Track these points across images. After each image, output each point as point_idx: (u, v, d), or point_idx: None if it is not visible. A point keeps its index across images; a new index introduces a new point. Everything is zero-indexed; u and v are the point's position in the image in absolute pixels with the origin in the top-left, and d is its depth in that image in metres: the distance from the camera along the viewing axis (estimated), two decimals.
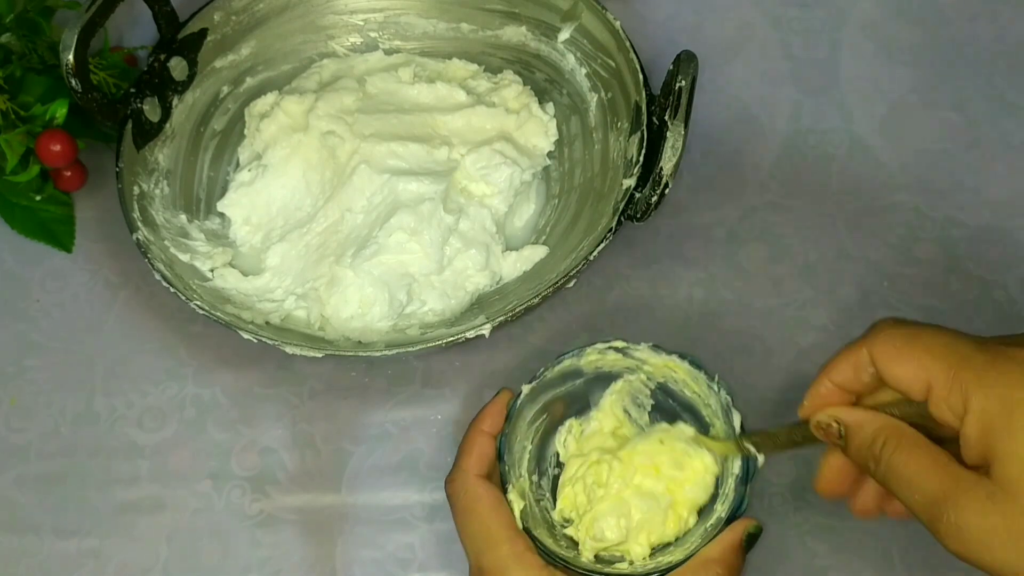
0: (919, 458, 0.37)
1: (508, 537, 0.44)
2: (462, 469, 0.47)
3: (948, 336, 0.38)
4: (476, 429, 0.48)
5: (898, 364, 0.39)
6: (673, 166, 0.51)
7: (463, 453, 0.48)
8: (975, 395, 0.36)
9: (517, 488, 0.47)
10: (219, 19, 0.61)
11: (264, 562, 0.54)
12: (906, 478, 0.37)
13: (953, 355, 0.37)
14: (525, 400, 0.48)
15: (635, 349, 0.49)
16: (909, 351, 0.38)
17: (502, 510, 0.45)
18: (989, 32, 0.68)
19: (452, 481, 0.47)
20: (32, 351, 0.59)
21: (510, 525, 0.45)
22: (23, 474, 0.56)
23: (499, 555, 0.44)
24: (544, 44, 0.63)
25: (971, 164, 0.63)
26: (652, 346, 0.49)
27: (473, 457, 0.47)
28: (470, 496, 0.46)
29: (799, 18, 0.69)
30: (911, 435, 0.39)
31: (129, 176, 0.56)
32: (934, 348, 0.38)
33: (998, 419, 0.35)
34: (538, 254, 0.58)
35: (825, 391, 0.42)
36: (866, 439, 0.40)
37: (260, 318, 0.55)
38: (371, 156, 0.59)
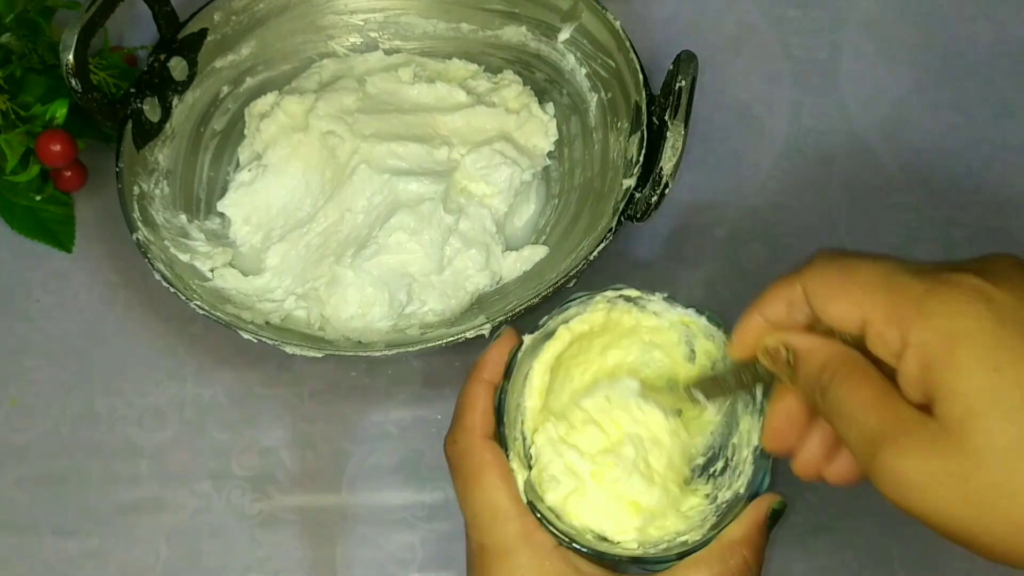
0: (864, 391, 0.34)
1: (517, 513, 0.41)
2: (465, 428, 0.42)
3: (886, 266, 0.34)
4: (476, 379, 0.43)
5: (833, 301, 0.35)
6: (673, 166, 0.51)
7: (465, 409, 0.43)
8: (914, 328, 0.32)
9: (516, 453, 0.43)
10: (219, 19, 0.61)
11: (264, 562, 0.54)
12: (847, 412, 0.34)
13: (890, 286, 0.33)
14: (526, 352, 0.44)
15: (648, 300, 0.45)
16: (844, 286, 0.35)
17: (510, 480, 0.41)
18: (989, 32, 0.68)
19: (455, 442, 0.42)
20: (32, 351, 0.59)
21: (518, 499, 0.41)
22: (23, 474, 0.56)
23: (507, 533, 0.40)
24: (544, 44, 0.63)
25: (971, 164, 0.63)
26: (666, 297, 0.45)
27: (478, 414, 0.42)
28: (476, 462, 0.41)
29: (799, 18, 0.69)
30: (862, 366, 0.34)
31: (129, 176, 0.56)
32: (871, 281, 0.34)
33: (939, 353, 0.31)
34: (538, 254, 0.58)
35: (756, 326, 0.39)
36: (815, 367, 0.36)
37: (260, 318, 0.55)
38: (371, 156, 0.59)
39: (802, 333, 0.37)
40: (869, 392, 0.34)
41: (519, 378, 0.44)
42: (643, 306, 0.46)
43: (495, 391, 0.43)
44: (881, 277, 0.34)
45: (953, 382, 0.31)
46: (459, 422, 0.43)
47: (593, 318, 0.46)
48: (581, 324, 0.46)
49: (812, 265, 0.37)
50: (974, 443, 0.30)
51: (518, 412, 0.45)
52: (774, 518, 0.41)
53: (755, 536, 0.40)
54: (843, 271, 0.35)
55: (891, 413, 0.33)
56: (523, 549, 0.40)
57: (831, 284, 0.35)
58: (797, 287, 0.37)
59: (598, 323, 0.46)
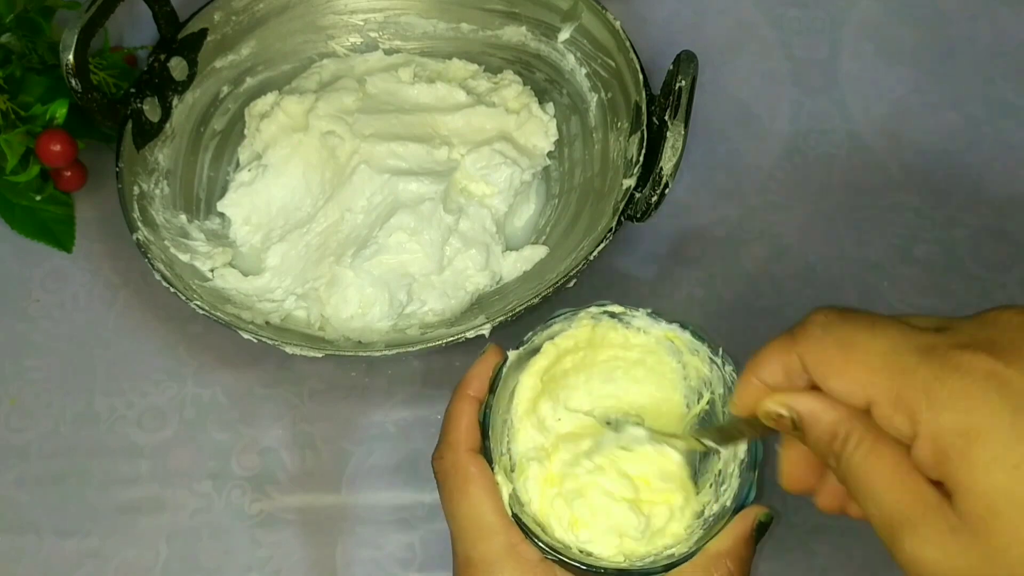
0: (880, 466, 0.33)
1: (502, 526, 0.41)
2: (451, 444, 0.42)
3: (887, 341, 0.33)
4: (462, 395, 0.43)
5: (833, 379, 0.34)
6: (673, 166, 0.51)
7: (451, 425, 0.43)
8: (924, 420, 0.31)
9: (502, 468, 0.43)
10: (219, 19, 0.61)
11: (264, 562, 0.54)
12: (865, 487, 0.33)
13: (894, 368, 0.32)
14: (511, 367, 0.44)
15: (632, 315, 0.45)
16: (844, 363, 0.33)
17: (495, 494, 0.41)
18: (989, 32, 0.68)
19: (440, 458, 0.42)
20: (32, 351, 0.59)
21: (503, 513, 0.41)
22: (23, 474, 0.56)
23: (492, 547, 0.40)
24: (544, 44, 0.63)
25: (971, 164, 0.63)
26: (650, 313, 0.45)
27: (463, 429, 0.42)
28: (461, 476, 0.41)
29: (799, 18, 0.69)
30: (873, 433, 0.33)
31: (129, 176, 0.56)
32: (871, 359, 0.32)
33: (954, 448, 0.30)
34: (538, 254, 0.58)
35: (754, 389, 0.37)
36: (824, 433, 0.34)
37: (260, 318, 0.55)
38: (371, 156, 0.59)
39: (805, 395, 0.35)
40: (886, 467, 0.33)
41: (505, 393, 0.44)
42: (627, 322, 0.45)
43: (480, 406, 0.43)
44: (883, 357, 0.32)
45: (972, 480, 0.30)
46: (445, 438, 0.43)
47: (578, 334, 0.46)
48: (566, 340, 0.46)
49: (808, 333, 0.35)
50: (997, 543, 0.29)
51: (504, 427, 0.45)
52: (761, 531, 0.41)
53: (740, 548, 0.40)
54: (842, 346, 0.33)
55: (909, 494, 0.32)
56: (508, 562, 0.40)
57: (830, 360, 0.34)
58: (794, 356, 0.35)
59: (583, 339, 0.46)
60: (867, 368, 0.32)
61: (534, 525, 0.42)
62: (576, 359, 0.47)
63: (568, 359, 0.46)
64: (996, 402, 0.30)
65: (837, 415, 0.34)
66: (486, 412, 0.43)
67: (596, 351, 0.47)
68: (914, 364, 0.31)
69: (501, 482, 0.42)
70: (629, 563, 0.42)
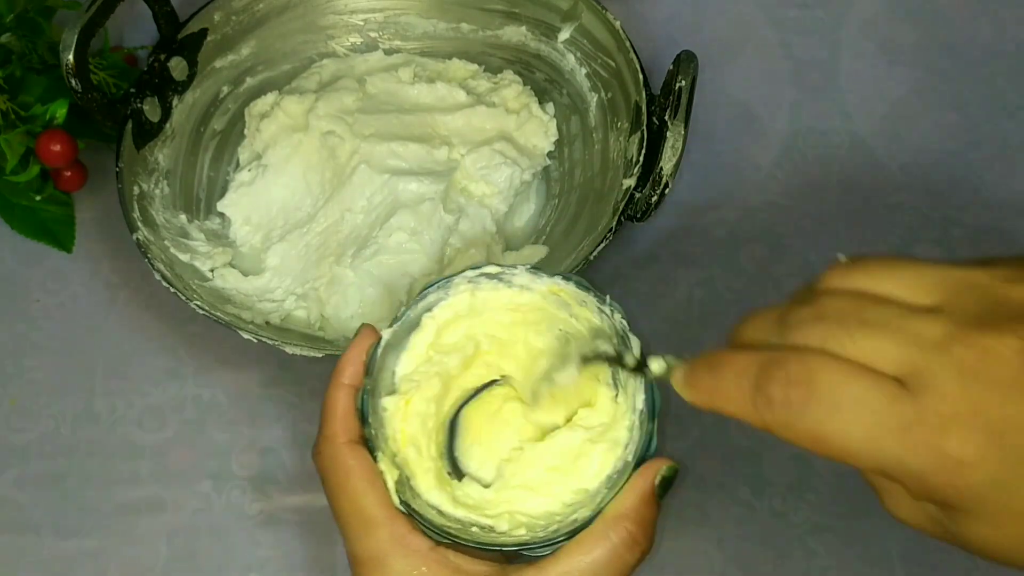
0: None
1: (386, 518, 0.38)
2: (327, 436, 0.40)
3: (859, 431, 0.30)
4: (336, 383, 0.41)
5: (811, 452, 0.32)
6: (673, 166, 0.51)
7: (326, 416, 0.41)
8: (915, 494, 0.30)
9: (387, 455, 0.40)
10: (219, 19, 0.61)
11: (264, 562, 0.54)
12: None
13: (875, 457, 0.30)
14: (388, 347, 0.41)
15: (511, 274, 0.42)
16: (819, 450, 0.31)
17: (378, 485, 0.39)
18: (989, 32, 0.68)
19: (318, 453, 0.40)
20: (32, 351, 0.59)
21: (387, 504, 0.39)
22: (23, 474, 0.56)
23: (377, 540, 0.38)
24: (544, 44, 0.63)
25: (971, 164, 0.63)
26: (530, 268, 0.42)
27: (338, 419, 0.40)
28: (341, 470, 0.39)
29: (799, 18, 0.69)
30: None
31: (129, 176, 0.56)
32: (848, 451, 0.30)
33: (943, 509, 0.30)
34: (538, 254, 0.58)
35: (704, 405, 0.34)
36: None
37: (260, 318, 0.55)
38: (371, 156, 0.59)
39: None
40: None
41: (385, 375, 0.42)
42: (508, 281, 0.42)
43: (357, 393, 0.41)
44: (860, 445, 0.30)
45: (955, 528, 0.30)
46: (321, 431, 0.41)
47: (456, 302, 0.42)
48: (444, 310, 0.42)
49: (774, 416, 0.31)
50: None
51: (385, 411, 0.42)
52: (664, 486, 0.38)
53: (641, 508, 0.37)
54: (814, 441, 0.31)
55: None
56: (395, 555, 0.38)
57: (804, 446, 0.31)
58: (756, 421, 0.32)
59: (463, 306, 0.43)
60: (846, 457, 0.30)
61: (426, 509, 0.39)
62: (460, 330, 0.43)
63: (450, 332, 0.43)
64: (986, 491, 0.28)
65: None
66: (363, 398, 0.40)
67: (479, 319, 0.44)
68: (896, 456, 0.29)
69: (385, 470, 0.39)
70: (531, 535, 0.39)
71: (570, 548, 0.37)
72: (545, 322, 0.43)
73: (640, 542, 0.37)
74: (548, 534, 0.39)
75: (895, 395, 0.29)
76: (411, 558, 0.38)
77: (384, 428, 0.41)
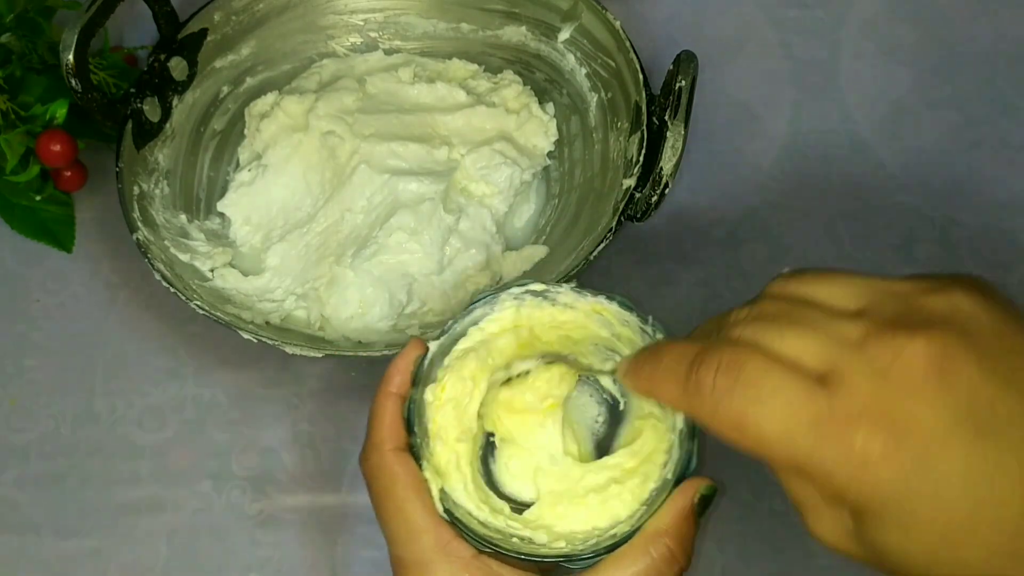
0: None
1: (431, 525, 0.39)
2: (374, 444, 0.41)
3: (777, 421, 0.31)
4: (383, 392, 0.42)
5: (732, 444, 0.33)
6: (673, 166, 0.51)
7: (374, 424, 0.41)
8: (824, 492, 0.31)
9: (432, 464, 0.41)
10: (219, 19, 0.61)
11: (264, 562, 0.54)
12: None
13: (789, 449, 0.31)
14: (435, 358, 0.42)
15: (557, 292, 0.43)
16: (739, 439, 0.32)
17: (423, 492, 0.40)
18: (989, 32, 0.68)
19: (366, 459, 0.41)
20: (32, 351, 0.59)
21: (432, 511, 0.40)
22: (23, 474, 0.56)
23: (422, 547, 0.39)
24: (544, 44, 0.63)
25: (971, 164, 0.63)
26: (574, 287, 0.43)
27: (385, 427, 0.41)
28: (387, 476, 0.40)
29: (799, 18, 0.69)
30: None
31: (129, 176, 0.56)
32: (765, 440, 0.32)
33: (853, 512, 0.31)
34: (538, 254, 0.58)
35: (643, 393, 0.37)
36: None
37: (260, 318, 0.55)
38: (371, 156, 0.59)
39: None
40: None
41: (433, 386, 0.42)
42: (553, 299, 0.43)
43: (404, 402, 0.41)
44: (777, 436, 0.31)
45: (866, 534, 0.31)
46: (368, 439, 0.41)
47: (502, 317, 0.44)
48: (491, 324, 0.44)
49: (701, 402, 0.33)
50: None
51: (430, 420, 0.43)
52: (703, 504, 0.39)
53: (681, 525, 0.38)
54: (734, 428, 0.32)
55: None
56: (440, 562, 0.39)
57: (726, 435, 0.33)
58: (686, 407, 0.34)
59: (508, 321, 0.44)
60: (763, 446, 0.31)
61: (468, 519, 0.40)
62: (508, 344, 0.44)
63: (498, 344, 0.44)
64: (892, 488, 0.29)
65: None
66: (410, 407, 0.41)
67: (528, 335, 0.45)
68: (809, 446, 0.30)
69: (430, 478, 0.40)
70: (571, 548, 0.40)
71: (609, 562, 0.38)
72: (588, 340, 0.44)
73: (679, 559, 0.38)
74: (588, 548, 0.39)
75: (812, 390, 0.30)
76: (454, 565, 0.38)
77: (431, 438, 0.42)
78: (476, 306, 0.43)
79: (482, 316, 0.43)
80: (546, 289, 0.43)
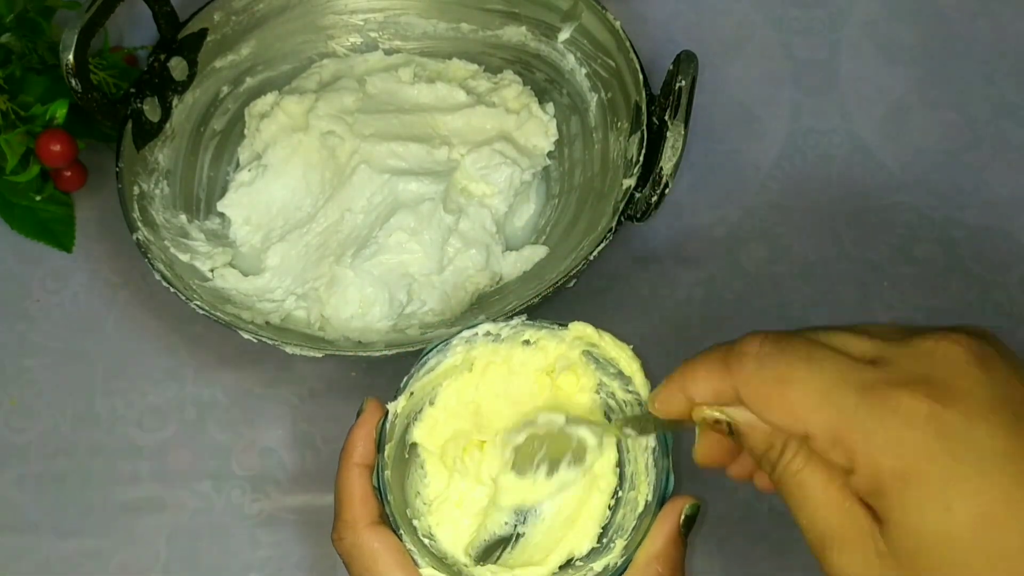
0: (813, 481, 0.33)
1: None
2: (347, 522, 0.40)
3: (824, 378, 0.32)
4: (347, 465, 0.40)
5: (771, 412, 0.33)
6: (673, 166, 0.51)
7: (343, 501, 0.40)
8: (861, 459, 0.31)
9: (410, 532, 0.40)
10: (219, 19, 0.61)
11: (264, 562, 0.54)
12: (799, 499, 0.33)
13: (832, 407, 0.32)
14: (399, 419, 0.41)
15: (506, 327, 0.43)
16: (781, 399, 0.33)
17: (407, 564, 0.39)
18: (989, 32, 0.68)
19: (340, 540, 0.40)
20: (32, 351, 0.59)
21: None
22: (23, 474, 0.56)
23: None
24: (544, 44, 0.63)
25: (971, 164, 0.63)
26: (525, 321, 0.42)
27: (356, 502, 0.40)
28: (366, 556, 0.39)
29: (799, 18, 0.69)
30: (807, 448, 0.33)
31: (129, 176, 0.56)
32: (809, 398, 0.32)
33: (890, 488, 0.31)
34: (538, 254, 0.58)
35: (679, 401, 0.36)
36: (760, 443, 0.34)
37: (260, 318, 0.55)
38: (371, 156, 0.59)
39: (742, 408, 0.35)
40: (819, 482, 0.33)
41: (402, 449, 0.42)
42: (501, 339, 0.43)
43: (371, 472, 0.40)
44: (821, 395, 0.32)
45: (904, 518, 0.30)
46: (340, 516, 0.40)
47: (453, 361, 0.43)
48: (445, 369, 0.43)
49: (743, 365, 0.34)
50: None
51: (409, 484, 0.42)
52: (688, 524, 0.39)
53: (669, 549, 0.38)
54: (780, 382, 0.33)
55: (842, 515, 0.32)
56: None
57: (767, 395, 0.33)
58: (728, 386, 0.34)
59: (459, 363, 0.43)
60: (805, 406, 0.32)
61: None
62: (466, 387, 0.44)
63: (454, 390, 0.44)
64: (934, 446, 0.30)
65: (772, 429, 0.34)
66: (379, 475, 0.40)
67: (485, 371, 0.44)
68: (852, 404, 0.31)
69: (413, 548, 0.39)
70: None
71: None
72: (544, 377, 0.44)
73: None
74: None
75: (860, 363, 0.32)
76: None
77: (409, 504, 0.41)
78: (428, 357, 0.42)
79: (436, 365, 0.43)
80: (496, 328, 0.42)
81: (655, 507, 0.39)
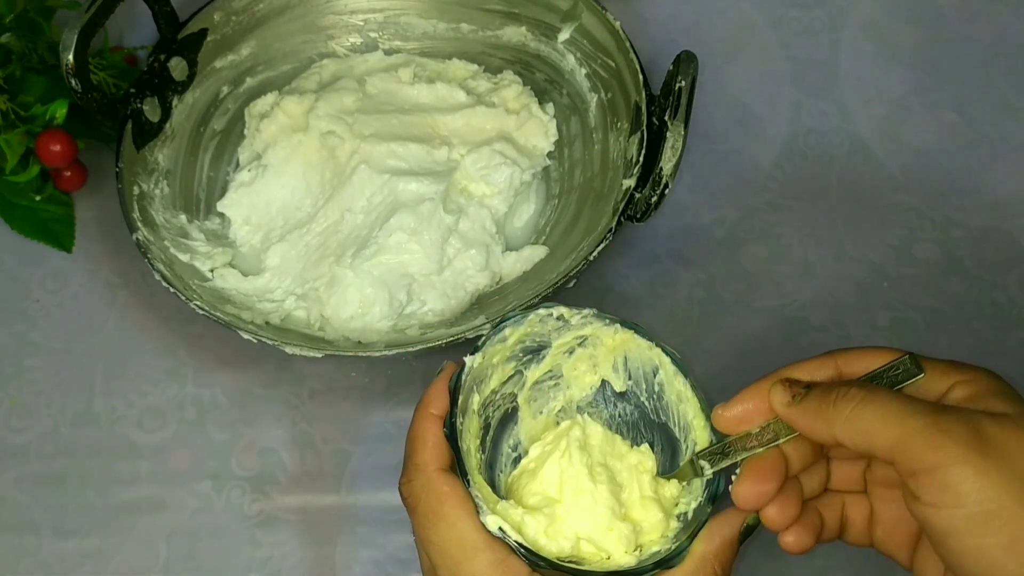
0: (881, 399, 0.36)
1: (485, 542, 0.39)
2: (418, 465, 0.40)
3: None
4: (423, 414, 0.42)
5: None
6: (673, 166, 0.51)
7: (416, 446, 0.41)
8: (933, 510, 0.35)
9: (478, 481, 0.41)
10: (219, 19, 0.61)
11: (264, 562, 0.54)
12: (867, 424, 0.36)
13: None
14: (472, 374, 0.43)
15: (577, 315, 0.45)
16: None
17: (472, 510, 0.39)
18: (989, 32, 0.68)
19: (409, 482, 0.41)
20: (32, 351, 0.59)
21: (483, 528, 0.39)
22: (23, 474, 0.56)
23: (480, 564, 0.38)
24: (544, 44, 0.63)
25: (971, 164, 0.63)
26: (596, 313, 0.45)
27: (428, 448, 0.41)
28: (435, 497, 0.39)
29: (799, 18, 0.69)
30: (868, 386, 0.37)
31: (129, 176, 0.56)
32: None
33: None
34: (538, 254, 0.58)
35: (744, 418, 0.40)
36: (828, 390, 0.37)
37: (260, 318, 0.55)
38: (371, 156, 0.59)
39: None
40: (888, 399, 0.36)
41: (473, 400, 0.44)
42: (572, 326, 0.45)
43: (444, 423, 0.41)
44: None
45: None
46: (411, 460, 0.41)
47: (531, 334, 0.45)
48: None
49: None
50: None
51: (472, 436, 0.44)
52: (745, 533, 0.41)
53: (726, 551, 0.40)
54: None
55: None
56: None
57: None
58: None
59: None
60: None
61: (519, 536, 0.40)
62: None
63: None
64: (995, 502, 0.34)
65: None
66: (451, 423, 0.41)
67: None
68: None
69: (482, 496, 0.40)
70: (617, 566, 0.41)
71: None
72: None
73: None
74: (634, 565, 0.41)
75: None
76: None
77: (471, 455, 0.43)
78: (506, 324, 0.44)
79: (511, 334, 0.45)
80: (572, 314, 0.45)
81: (706, 502, 0.42)
